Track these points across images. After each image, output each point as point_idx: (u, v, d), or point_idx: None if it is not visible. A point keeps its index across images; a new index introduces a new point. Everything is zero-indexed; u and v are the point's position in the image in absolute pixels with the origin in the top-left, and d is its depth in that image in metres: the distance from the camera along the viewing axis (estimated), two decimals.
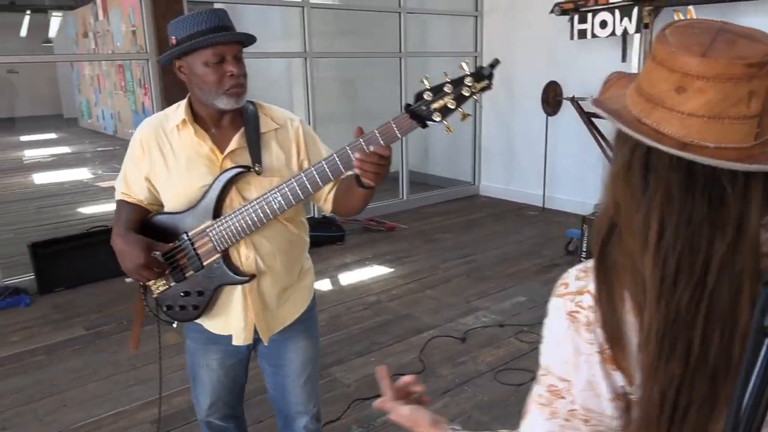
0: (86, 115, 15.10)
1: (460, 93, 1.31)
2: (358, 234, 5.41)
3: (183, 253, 1.60)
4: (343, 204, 1.64)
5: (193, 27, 1.47)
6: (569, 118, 5.40)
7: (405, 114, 1.35)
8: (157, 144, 1.60)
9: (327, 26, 6.52)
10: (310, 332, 1.83)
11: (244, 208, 1.52)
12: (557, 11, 4.81)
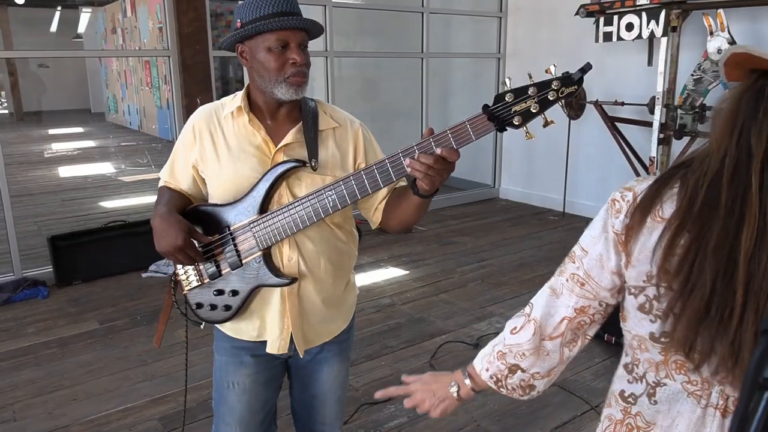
0: (113, 109, 15.32)
1: (545, 97, 1.20)
2: (374, 235, 5.38)
3: (222, 248, 1.51)
4: (396, 215, 1.51)
5: (260, 10, 1.40)
6: (593, 122, 5.31)
7: (483, 115, 1.23)
8: (209, 130, 1.53)
9: (349, 25, 6.50)
10: (344, 355, 1.72)
11: (293, 204, 1.43)
12: (582, 13, 4.72)
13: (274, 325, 1.56)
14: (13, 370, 3.14)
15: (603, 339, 3.28)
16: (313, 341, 1.62)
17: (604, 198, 4.49)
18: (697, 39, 4.34)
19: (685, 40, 4.39)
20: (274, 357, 1.62)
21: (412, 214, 1.46)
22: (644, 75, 4.83)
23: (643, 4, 4.32)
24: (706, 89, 4.30)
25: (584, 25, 4.94)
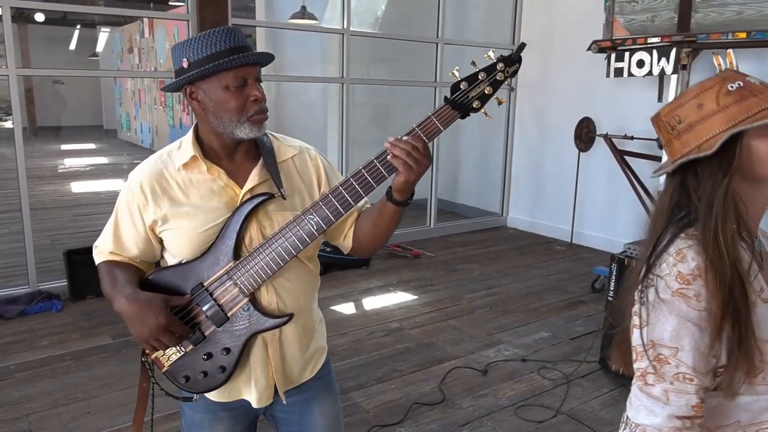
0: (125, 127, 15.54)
1: (494, 79, 1.33)
2: (383, 259, 5.44)
3: (200, 308, 1.39)
4: (371, 232, 1.49)
5: (210, 48, 1.32)
6: (601, 155, 5.39)
7: (446, 105, 1.32)
8: (162, 187, 1.41)
9: (364, 53, 6.64)
10: (331, 387, 1.64)
11: (273, 238, 1.36)
12: (594, 49, 4.82)
13: (260, 377, 1.46)
14: (28, 381, 3.19)
15: (611, 369, 3.30)
16: (294, 382, 1.53)
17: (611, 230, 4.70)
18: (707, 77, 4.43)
19: (694, 77, 4.48)
20: (249, 410, 1.54)
21: (387, 227, 1.44)
22: (654, 110, 4.89)
23: (654, 43, 4.42)
24: None
25: (596, 60, 5.05)
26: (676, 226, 1.03)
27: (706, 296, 0.96)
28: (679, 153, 1.04)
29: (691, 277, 0.97)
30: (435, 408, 2.98)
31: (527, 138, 6.58)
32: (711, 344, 0.97)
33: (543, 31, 6.18)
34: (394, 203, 1.38)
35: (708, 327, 0.96)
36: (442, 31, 5.98)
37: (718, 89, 1.00)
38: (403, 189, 1.35)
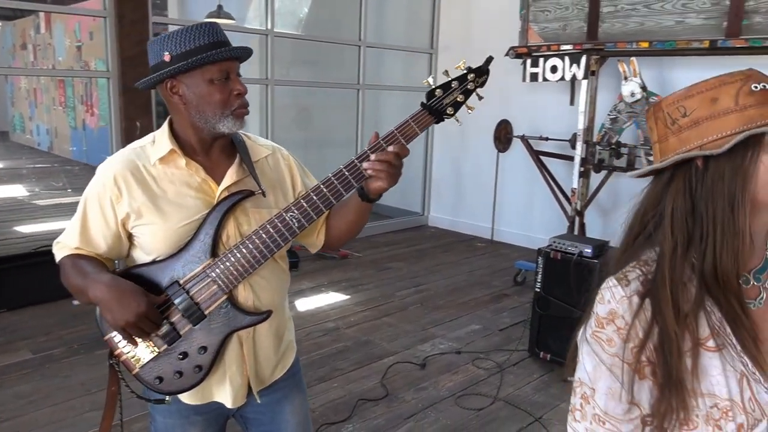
0: (19, 129, 14.46)
1: (466, 87, 1.43)
2: (312, 261, 5.44)
3: (175, 307, 1.37)
4: (343, 227, 1.54)
5: (194, 41, 1.32)
6: (518, 155, 5.68)
7: (423, 111, 1.39)
8: (137, 180, 1.38)
9: (286, 54, 6.60)
10: (301, 385, 1.66)
11: (253, 235, 1.36)
12: (512, 54, 5.08)
13: (236, 376, 1.46)
14: None
15: (539, 356, 3.51)
16: (266, 381, 1.54)
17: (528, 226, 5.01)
18: (614, 82, 4.79)
19: (602, 83, 4.84)
20: (221, 412, 1.53)
21: (361, 221, 1.51)
22: (566, 113, 5.25)
23: (567, 50, 4.73)
24: (621, 128, 4.74)
25: (512, 65, 5.32)
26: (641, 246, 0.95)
27: (618, 343, 0.90)
28: (674, 152, 0.89)
29: (606, 321, 0.92)
30: (380, 403, 3.05)
31: (447, 139, 6.80)
32: (627, 392, 0.90)
33: (461, 37, 6.41)
34: (366, 201, 1.44)
35: (620, 374, 0.90)
36: (364, 34, 6.07)
37: (740, 86, 0.86)
38: (382, 193, 1.42)
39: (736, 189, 0.85)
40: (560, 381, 3.30)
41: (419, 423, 2.88)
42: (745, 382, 0.86)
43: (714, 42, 3.99)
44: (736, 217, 0.85)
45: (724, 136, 0.85)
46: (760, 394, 0.87)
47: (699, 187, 0.88)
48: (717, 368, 0.87)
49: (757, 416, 0.87)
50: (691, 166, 0.88)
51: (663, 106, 0.92)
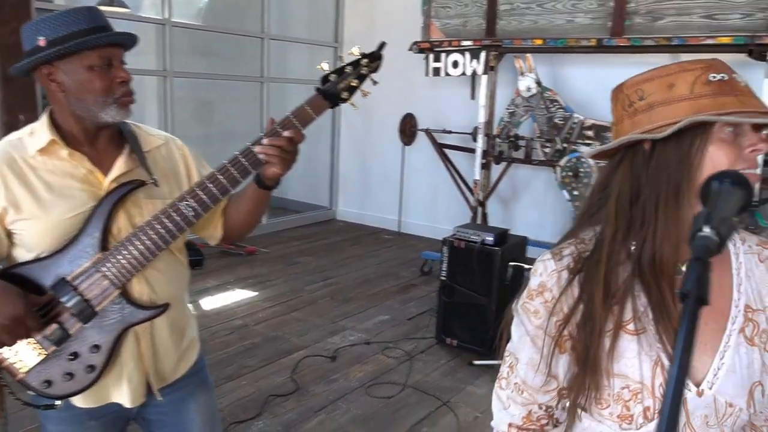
0: None
1: (360, 73, 1.44)
2: (216, 258, 5.30)
3: (62, 305, 1.29)
4: (242, 218, 1.50)
5: (72, 26, 1.25)
6: (423, 148, 5.80)
7: (318, 95, 1.39)
8: (15, 172, 1.30)
9: (184, 45, 6.36)
10: (206, 382, 1.61)
11: (146, 225, 1.31)
12: (415, 49, 5.17)
13: (133, 374, 1.40)
14: None
15: (446, 343, 3.62)
16: (167, 379, 1.48)
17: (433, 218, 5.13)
18: (511, 78, 4.99)
19: (501, 78, 5.04)
20: (120, 414, 1.46)
21: (260, 211, 1.49)
22: (468, 107, 5.41)
23: (467, 46, 4.87)
24: (518, 121, 4.96)
25: (416, 59, 5.42)
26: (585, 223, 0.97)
27: (544, 315, 0.93)
28: (626, 134, 0.89)
29: (535, 293, 0.95)
30: (290, 398, 3.02)
31: (354, 133, 6.82)
32: (545, 364, 0.93)
33: (365, 31, 6.44)
34: (264, 188, 1.42)
35: (541, 346, 0.93)
36: (267, 26, 5.96)
37: (699, 74, 0.85)
38: (277, 179, 1.41)
39: (681, 177, 0.84)
40: (466, 365, 3.41)
41: (330, 415, 2.89)
42: (659, 368, 0.88)
43: (600, 40, 4.26)
44: (680, 206, 0.85)
45: (672, 122, 0.83)
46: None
47: (644, 173, 0.87)
48: (633, 351, 0.89)
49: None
50: (639, 150, 0.89)
51: (624, 87, 0.92)
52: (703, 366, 0.89)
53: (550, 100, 4.75)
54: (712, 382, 0.89)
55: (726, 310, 0.91)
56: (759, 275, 0.94)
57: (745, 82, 0.86)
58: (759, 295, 0.93)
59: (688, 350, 0.49)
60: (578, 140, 4.61)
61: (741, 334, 0.90)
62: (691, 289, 0.50)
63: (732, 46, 3.74)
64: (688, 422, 0.89)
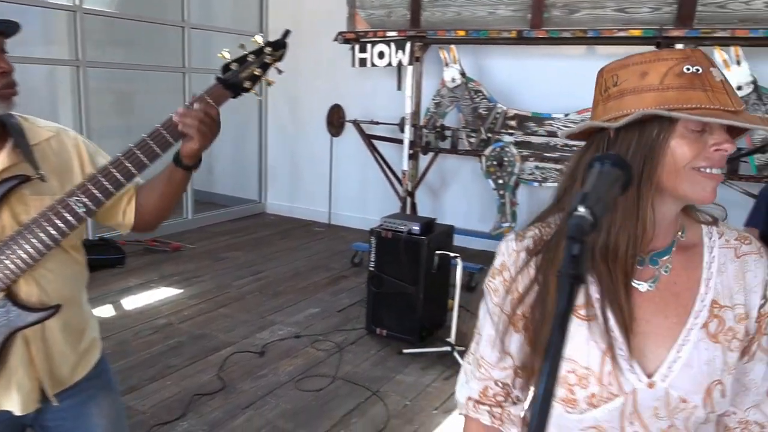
0: None
1: (263, 61, 1.39)
2: (139, 256, 5.11)
3: None
4: (156, 203, 1.44)
5: None
6: (351, 139, 5.78)
7: (218, 84, 1.35)
8: None
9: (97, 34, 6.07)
10: (110, 385, 1.54)
11: (34, 223, 1.24)
12: (340, 40, 5.14)
13: (23, 380, 1.32)
14: None
15: (376, 333, 3.63)
16: (65, 383, 1.41)
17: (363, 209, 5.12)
18: (437, 69, 5.05)
19: (427, 69, 5.08)
20: (13, 422, 1.37)
21: (176, 194, 1.43)
22: (395, 98, 5.43)
23: (392, 36, 4.89)
24: (444, 112, 5.03)
25: (342, 50, 5.39)
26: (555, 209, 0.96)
27: (502, 293, 0.94)
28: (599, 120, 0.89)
29: (497, 272, 0.96)
30: (216, 396, 2.95)
31: (281, 125, 6.72)
32: (500, 340, 0.95)
33: (291, 21, 6.29)
34: (184, 168, 1.37)
35: (498, 323, 0.95)
36: (187, 14, 5.76)
37: (673, 65, 0.83)
38: (194, 155, 1.36)
39: (641, 169, 0.83)
40: (396, 354, 3.44)
41: (258, 411, 2.84)
42: (608, 356, 0.87)
43: (520, 32, 4.36)
44: (640, 197, 0.84)
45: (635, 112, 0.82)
46: (622, 371, 0.88)
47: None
48: (583, 336, 0.89)
49: (613, 391, 0.88)
50: (605, 137, 0.88)
51: (603, 72, 0.90)
52: (656, 358, 0.88)
53: (475, 90, 4.84)
54: (666, 375, 0.87)
55: (690, 304, 0.89)
56: (733, 271, 0.91)
57: (723, 77, 0.83)
58: (730, 292, 0.90)
59: (562, 331, 0.50)
60: (502, 130, 4.72)
61: (704, 329, 0.88)
62: (565, 268, 0.51)
63: (642, 39, 3.92)
64: (636, 411, 0.88)
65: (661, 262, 0.91)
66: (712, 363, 0.87)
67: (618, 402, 0.88)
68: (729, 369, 0.88)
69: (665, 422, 0.88)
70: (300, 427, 2.73)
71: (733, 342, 0.89)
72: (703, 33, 3.75)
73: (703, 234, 0.94)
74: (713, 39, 3.76)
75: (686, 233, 0.94)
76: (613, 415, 0.89)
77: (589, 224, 0.52)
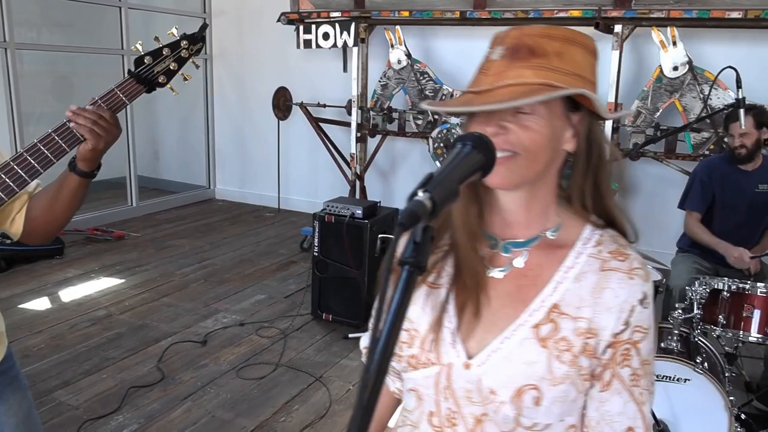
0: None
1: (179, 56, 1.36)
2: (79, 246, 4.94)
3: None
4: (47, 211, 1.34)
5: None
6: (299, 123, 5.70)
7: (130, 79, 1.31)
8: None
9: (30, 15, 5.80)
10: (17, 381, 1.46)
11: None
12: (284, 20, 5.02)
13: None
14: None
15: (322, 318, 3.61)
16: None
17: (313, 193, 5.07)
18: (383, 51, 4.99)
19: (373, 50, 5.02)
20: None
21: (70, 203, 1.33)
22: (341, 80, 5.36)
23: (336, 17, 4.80)
24: (391, 94, 4.98)
25: (287, 31, 5.27)
26: None
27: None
28: None
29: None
30: (154, 388, 2.89)
31: (228, 108, 6.56)
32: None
33: (236, 2, 6.18)
34: (79, 174, 1.29)
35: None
36: None
37: (490, 50, 0.82)
38: (90, 158, 1.28)
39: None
40: (341, 339, 3.42)
41: (197, 401, 2.79)
42: (439, 326, 0.87)
43: (464, 13, 4.34)
44: (475, 184, 0.81)
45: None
46: (444, 342, 0.87)
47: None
48: (421, 300, 0.89)
49: (431, 359, 0.87)
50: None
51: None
52: (480, 343, 0.85)
53: (420, 72, 4.80)
54: (483, 362, 0.84)
55: (530, 300, 0.85)
56: (591, 284, 0.84)
57: (506, 53, 0.78)
58: (579, 303, 0.83)
59: (399, 316, 0.48)
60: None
61: (534, 329, 0.84)
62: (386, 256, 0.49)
63: (581, 19, 3.95)
64: (450, 387, 0.86)
65: (514, 253, 0.88)
66: (532, 366, 0.82)
67: (433, 370, 0.87)
68: (554, 380, 0.81)
69: (479, 408, 0.84)
70: (240, 416, 2.69)
71: (565, 354, 0.82)
72: (639, 14, 3.79)
73: (579, 238, 0.87)
74: (650, 20, 3.81)
75: (561, 232, 0.88)
76: (428, 382, 0.87)
77: (425, 211, 0.50)
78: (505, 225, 0.88)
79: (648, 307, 0.83)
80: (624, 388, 0.83)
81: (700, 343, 2.36)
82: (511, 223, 0.87)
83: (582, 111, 0.82)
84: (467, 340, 0.86)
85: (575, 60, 0.78)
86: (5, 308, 3.69)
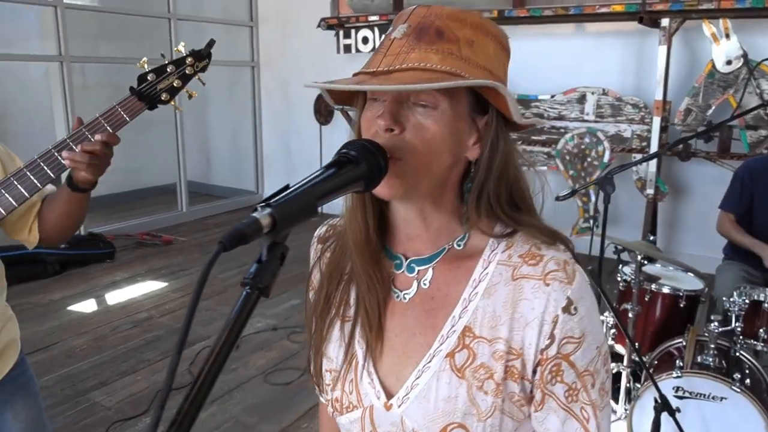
0: None
1: (184, 72, 1.35)
2: (130, 250, 5.12)
3: None
4: (55, 219, 1.38)
5: None
6: (341, 127, 5.71)
7: (132, 96, 1.31)
8: None
9: (88, 28, 6.07)
10: (28, 387, 1.49)
11: None
12: (323, 26, 5.05)
13: None
14: None
15: None
16: None
17: None
18: None
19: None
20: None
21: (73, 213, 1.36)
22: None
23: (375, 21, 4.78)
24: None
25: (328, 36, 5.30)
26: None
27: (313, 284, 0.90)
28: None
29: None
30: (182, 391, 2.91)
31: (275, 114, 6.66)
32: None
33: (279, 8, 6.27)
34: (81, 192, 1.32)
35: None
36: (174, 5, 5.71)
37: (390, 29, 0.73)
38: (88, 182, 1.31)
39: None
40: None
41: (222, 406, 2.81)
42: (353, 363, 0.79)
43: (502, 12, 4.24)
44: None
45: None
46: (362, 382, 0.78)
47: None
48: (336, 335, 0.83)
49: (353, 401, 0.79)
50: None
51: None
52: (398, 380, 0.76)
53: None
54: (402, 401, 0.75)
55: (440, 325, 0.74)
56: (502, 296, 0.71)
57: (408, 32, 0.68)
58: (492, 320, 0.71)
59: (227, 341, 0.43)
60: None
61: (448, 359, 0.72)
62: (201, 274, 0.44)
63: (625, 14, 3.77)
64: (375, 430, 0.78)
65: (420, 272, 0.76)
66: (453, 401, 0.71)
67: (356, 414, 0.79)
68: (481, 414, 0.70)
69: None
70: (263, 421, 2.70)
71: (487, 383, 0.70)
72: (687, 5, 3.58)
73: (487, 244, 0.74)
74: (699, 12, 3.59)
75: (469, 241, 0.75)
76: (354, 426, 0.79)
77: (258, 229, 0.45)
78: (407, 240, 0.77)
79: (578, 313, 0.69)
80: (559, 407, 0.71)
81: (743, 358, 2.18)
82: (413, 237, 0.77)
83: (490, 114, 0.70)
84: (387, 376, 0.77)
85: (487, 53, 0.69)
86: (56, 310, 3.87)
